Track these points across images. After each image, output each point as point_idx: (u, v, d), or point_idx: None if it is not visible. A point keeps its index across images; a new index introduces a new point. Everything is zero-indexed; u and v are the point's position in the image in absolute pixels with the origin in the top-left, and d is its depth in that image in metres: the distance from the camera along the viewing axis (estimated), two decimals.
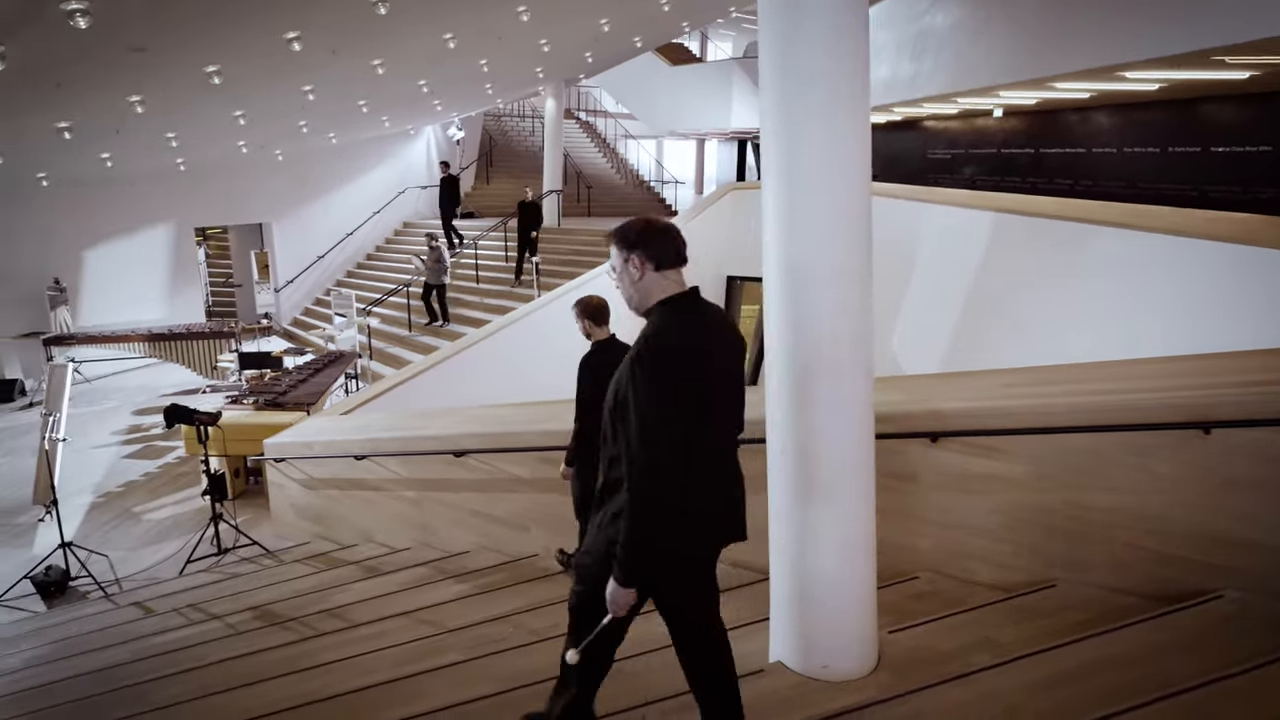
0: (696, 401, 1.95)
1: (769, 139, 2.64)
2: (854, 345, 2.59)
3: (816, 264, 2.60)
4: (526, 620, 3.65)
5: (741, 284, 13.38)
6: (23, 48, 5.10)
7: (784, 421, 2.66)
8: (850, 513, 2.64)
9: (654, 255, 2.06)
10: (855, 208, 2.59)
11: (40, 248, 10.71)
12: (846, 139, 2.56)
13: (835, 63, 2.51)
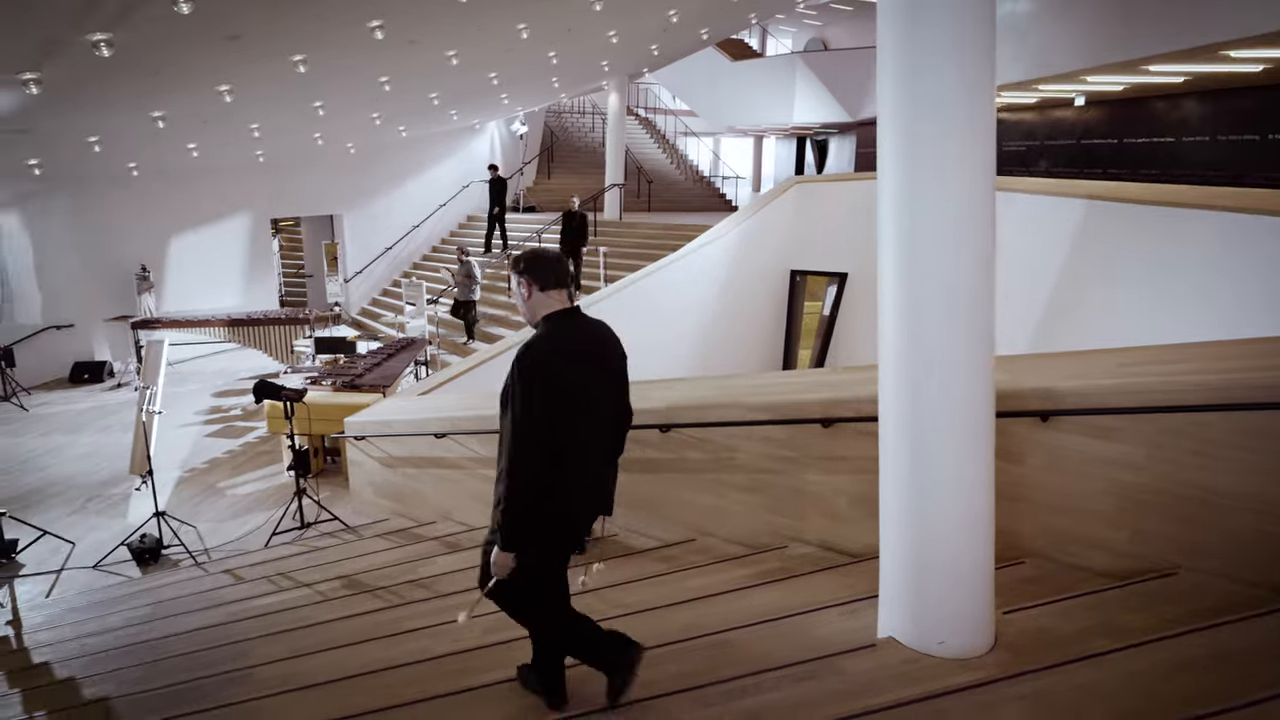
0: (565, 398, 2.30)
1: (888, 125, 2.58)
2: (973, 313, 2.50)
3: (936, 229, 2.51)
4: (613, 595, 3.63)
5: (804, 278, 13.23)
6: (130, 35, 5.28)
7: (900, 395, 2.59)
8: (970, 487, 2.54)
9: (539, 279, 2.45)
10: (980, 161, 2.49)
11: (129, 235, 11.15)
12: (973, 123, 2.47)
13: (960, 44, 2.42)
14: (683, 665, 2.66)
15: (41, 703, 3.07)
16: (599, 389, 2.46)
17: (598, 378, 2.46)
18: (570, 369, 2.36)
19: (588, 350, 2.47)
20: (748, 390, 4.41)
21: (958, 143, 2.46)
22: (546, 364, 2.31)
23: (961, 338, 2.51)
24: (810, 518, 4.01)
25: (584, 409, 2.37)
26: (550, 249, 2.69)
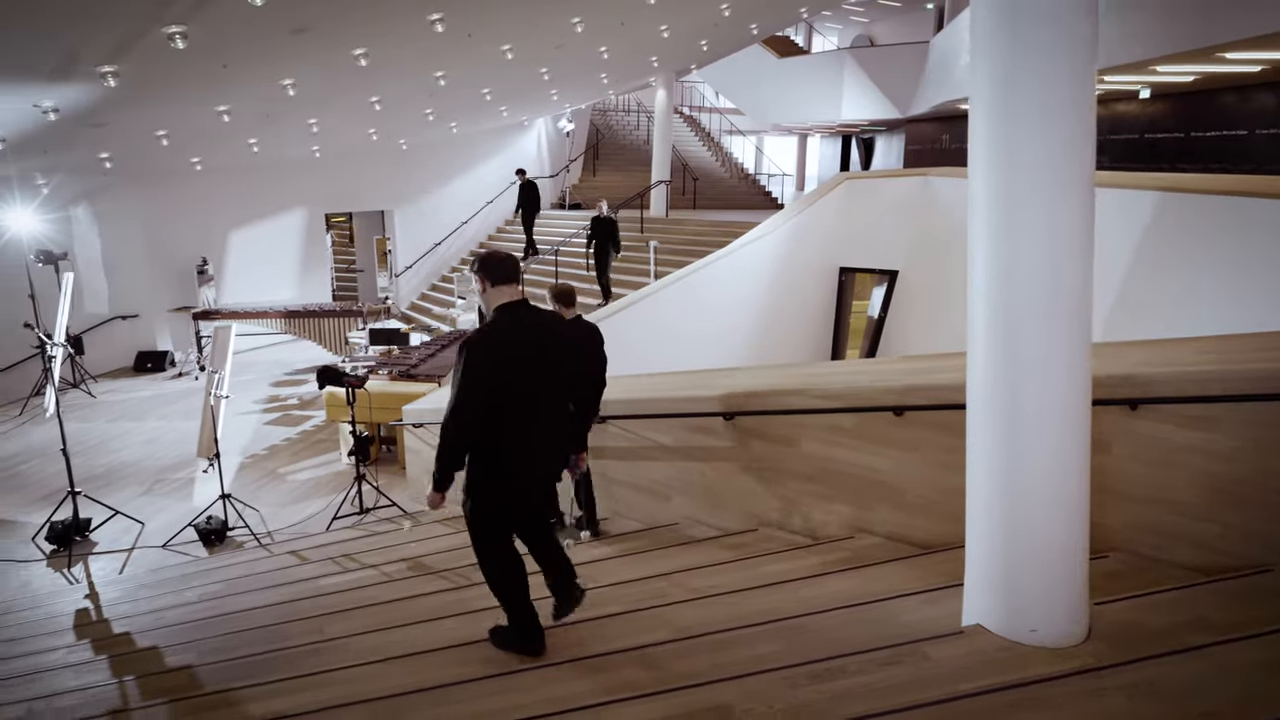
0: (504, 375, 2.75)
1: (983, 114, 2.52)
2: (1073, 303, 2.43)
3: (1035, 220, 2.44)
4: (685, 579, 3.61)
5: (853, 276, 13.06)
6: (203, 27, 5.41)
7: (993, 384, 2.53)
8: (1067, 476, 2.47)
9: (491, 277, 2.90)
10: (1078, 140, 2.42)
11: (191, 229, 11.46)
12: (1075, 107, 2.39)
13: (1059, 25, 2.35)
14: (762, 648, 2.63)
15: (128, 669, 3.15)
16: (536, 366, 2.86)
17: (535, 357, 2.87)
18: (510, 349, 2.80)
19: (527, 335, 2.86)
20: (815, 378, 4.35)
21: (1059, 130, 2.39)
22: (488, 345, 2.76)
23: (1060, 328, 2.44)
24: (878, 508, 3.94)
25: (521, 382, 2.81)
26: (501, 251, 3.07)
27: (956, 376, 3.68)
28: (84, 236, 10.58)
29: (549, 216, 16.63)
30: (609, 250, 11.34)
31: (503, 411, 2.76)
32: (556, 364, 2.95)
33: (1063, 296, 2.43)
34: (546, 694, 2.43)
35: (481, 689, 2.54)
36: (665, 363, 9.25)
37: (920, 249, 11.92)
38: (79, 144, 8.15)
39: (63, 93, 6.18)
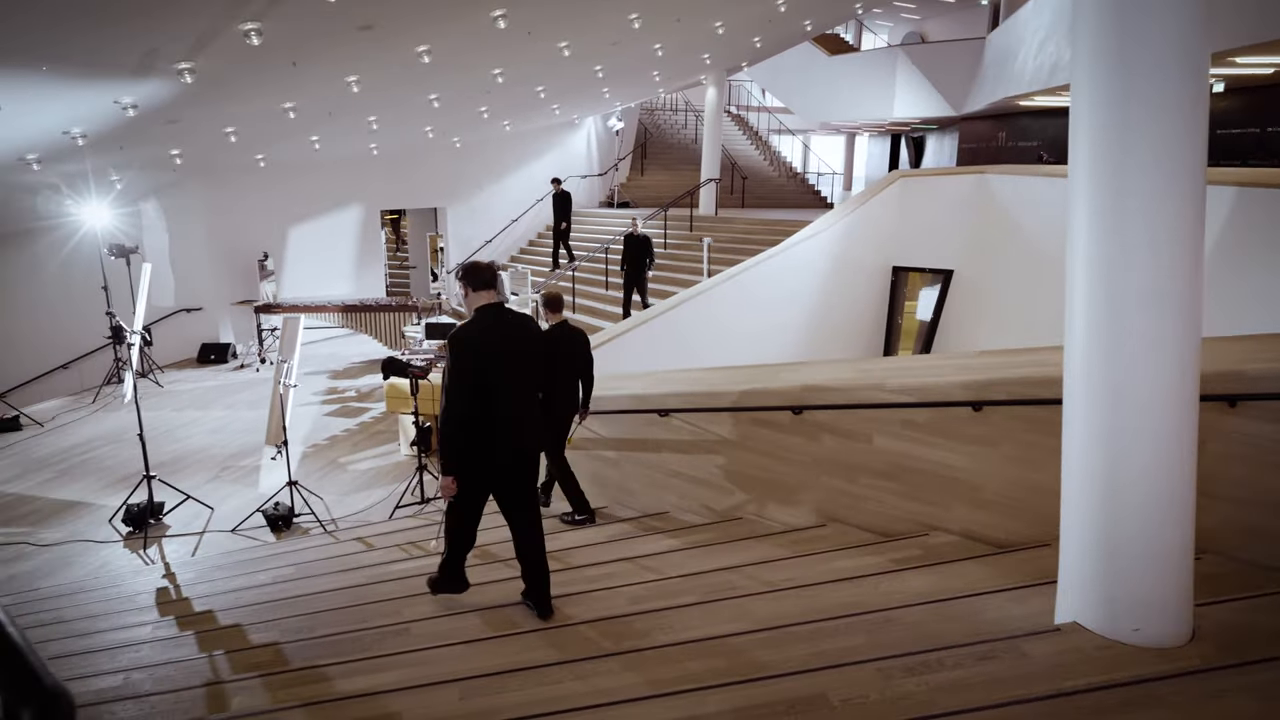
0: (483, 369, 3.17)
1: (1084, 101, 2.44)
2: (1183, 299, 2.35)
3: (1145, 214, 2.36)
4: (756, 572, 3.58)
5: (906, 275, 12.86)
6: (276, 24, 5.53)
7: (1094, 379, 2.46)
8: (1173, 474, 2.39)
9: (472, 283, 3.32)
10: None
11: (253, 224, 11.76)
12: (1186, 95, 2.31)
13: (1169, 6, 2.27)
14: (849, 640, 2.59)
15: (215, 645, 3.23)
16: (511, 360, 3.28)
17: (509, 353, 3.28)
18: (486, 346, 3.21)
19: (502, 334, 3.27)
20: (889, 373, 4.28)
21: (1172, 115, 2.30)
22: (471, 341, 3.20)
23: (1169, 320, 2.36)
24: (953, 505, 3.86)
25: (497, 374, 3.22)
26: (482, 261, 3.48)
27: (1039, 371, 3.61)
28: (152, 231, 10.92)
29: (598, 214, 16.69)
30: (644, 268, 10.96)
31: (481, 397, 3.19)
32: (528, 357, 3.38)
33: (1173, 287, 2.35)
34: (637, 678, 2.43)
35: (568, 671, 2.54)
36: (719, 358, 9.21)
37: (977, 248, 11.70)
38: (153, 140, 8.40)
39: (142, 89, 6.37)
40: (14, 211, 9.12)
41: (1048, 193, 10.22)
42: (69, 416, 8.85)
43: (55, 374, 10.10)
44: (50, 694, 0.77)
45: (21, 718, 0.73)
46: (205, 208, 11.38)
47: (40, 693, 0.76)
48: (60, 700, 0.77)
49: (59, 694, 0.79)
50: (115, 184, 9.41)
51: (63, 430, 8.37)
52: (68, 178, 8.62)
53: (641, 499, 5.31)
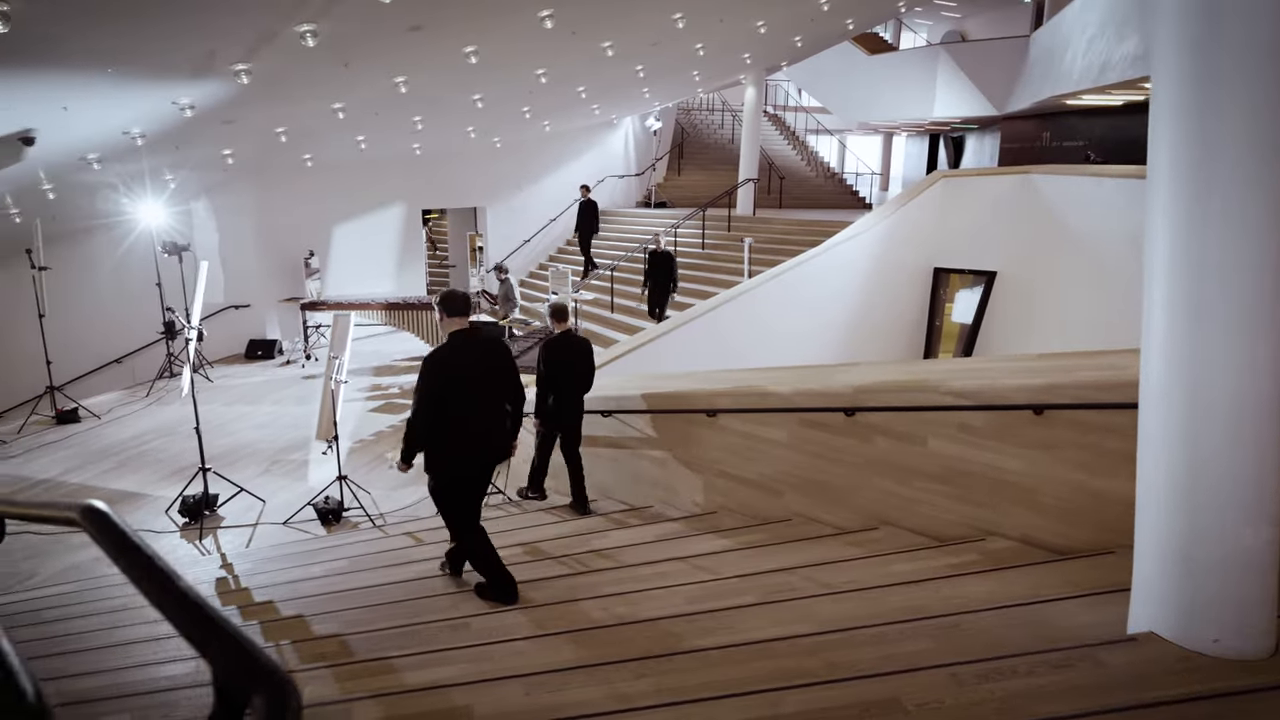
0: (449, 384, 3.68)
1: (1166, 92, 2.38)
2: (1266, 281, 2.28)
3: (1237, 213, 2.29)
4: (813, 574, 3.56)
5: (948, 276, 12.70)
6: (331, 25, 5.62)
7: (1174, 375, 2.40)
8: (1259, 475, 2.32)
9: (446, 310, 3.84)
10: None
11: (299, 223, 11.98)
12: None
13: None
14: (916, 644, 2.57)
15: (279, 634, 3.29)
16: (476, 379, 3.78)
17: (474, 373, 3.78)
18: (454, 367, 3.71)
19: (469, 357, 3.78)
20: (945, 375, 4.23)
21: (1266, 107, 2.23)
22: (438, 363, 3.71)
23: (1264, 319, 2.29)
24: (1011, 511, 3.80)
25: (464, 391, 3.72)
26: (457, 291, 3.97)
27: (1107, 375, 3.54)
28: (202, 229, 11.17)
29: (634, 214, 16.72)
30: (668, 288, 10.70)
31: (450, 409, 3.67)
32: (494, 373, 3.90)
33: (1264, 284, 2.28)
34: (705, 677, 2.43)
35: (631, 670, 2.55)
36: (759, 359, 9.17)
37: (1022, 249, 11.51)
38: (206, 141, 8.60)
39: (200, 90, 6.52)
40: (73, 210, 9.38)
41: (1096, 193, 10.02)
42: (124, 410, 9.10)
43: (109, 368, 10.38)
44: (281, 681, 0.74)
45: (250, 703, 0.72)
46: (253, 207, 11.62)
47: (271, 678, 0.75)
48: (289, 688, 0.74)
49: (288, 681, 0.74)
50: (169, 183, 9.64)
51: (119, 423, 8.60)
52: (124, 177, 8.84)
53: (687, 499, 5.31)
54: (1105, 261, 9.45)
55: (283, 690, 0.68)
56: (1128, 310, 8.90)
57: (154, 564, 0.88)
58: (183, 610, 0.80)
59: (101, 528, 1.00)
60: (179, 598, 0.81)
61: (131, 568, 0.90)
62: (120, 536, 0.94)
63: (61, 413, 8.68)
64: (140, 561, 0.88)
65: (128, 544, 0.93)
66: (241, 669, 0.71)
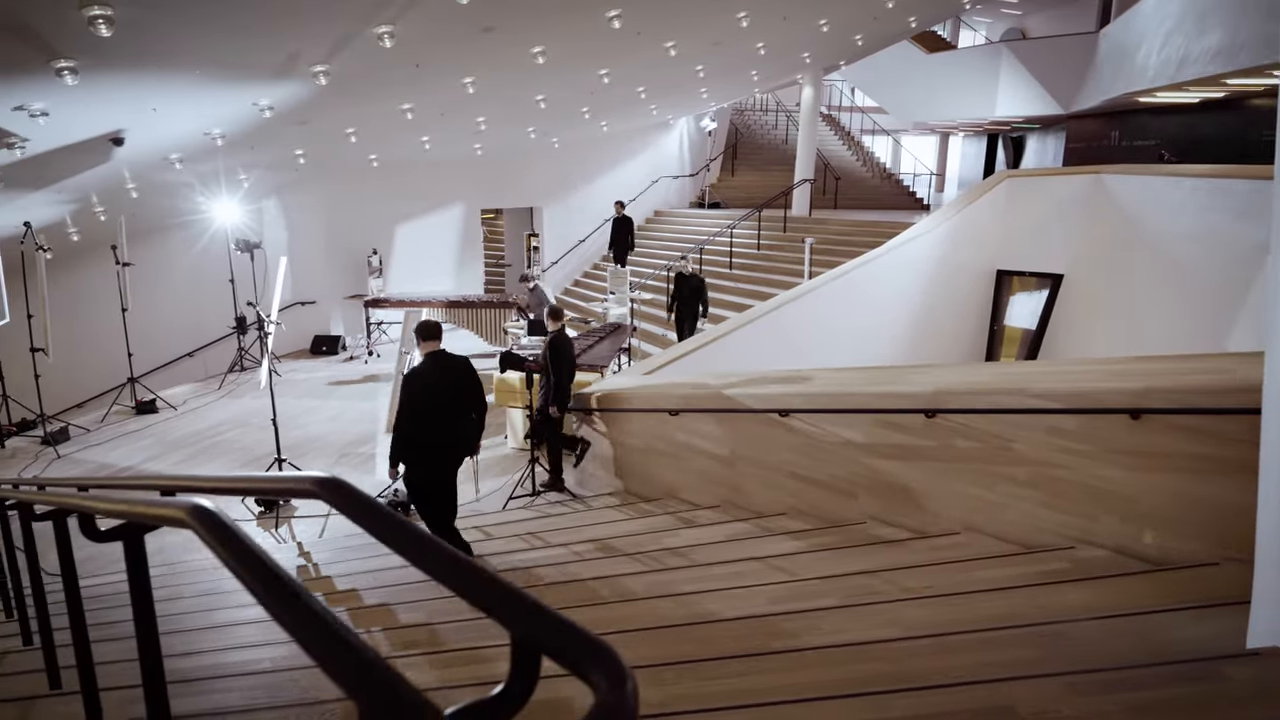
0: (421, 397, 4.50)
1: None
2: None
3: None
4: (894, 578, 3.49)
5: (1012, 279, 12.40)
6: (407, 27, 5.72)
7: None
8: None
9: (421, 335, 4.70)
10: None
11: (365, 222, 12.25)
12: None
13: None
14: (1021, 652, 2.50)
15: (368, 621, 3.36)
16: (442, 393, 4.59)
17: (441, 387, 4.60)
18: (426, 382, 4.56)
19: (438, 375, 4.60)
20: (1031, 376, 4.12)
21: None
22: (417, 378, 4.57)
23: None
24: (1104, 518, 3.68)
25: (432, 403, 4.54)
26: (430, 320, 5.05)
27: (1213, 379, 3.41)
28: (272, 228, 11.50)
29: (689, 215, 16.69)
30: (698, 313, 9.99)
31: (425, 415, 4.49)
32: (456, 390, 4.65)
33: None
34: (803, 677, 2.40)
35: (726, 667, 2.54)
36: (821, 360, 9.07)
37: (1090, 252, 11.19)
38: (281, 141, 8.83)
39: (279, 91, 6.70)
40: (152, 209, 9.74)
41: (1173, 194, 9.69)
42: (198, 401, 9.41)
43: (181, 361, 10.75)
44: (616, 657, 0.69)
45: (585, 676, 0.69)
46: (321, 206, 11.92)
47: (605, 653, 0.69)
48: (625, 667, 0.68)
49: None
50: (243, 183, 9.94)
51: (195, 414, 8.89)
52: (202, 177, 9.15)
53: (757, 499, 5.27)
54: (1181, 264, 9.13)
55: (621, 667, 0.67)
56: (1204, 314, 8.62)
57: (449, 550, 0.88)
58: (493, 586, 0.79)
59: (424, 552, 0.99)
60: (473, 570, 0.81)
61: (425, 555, 0.89)
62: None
63: (141, 403, 9.00)
64: (437, 551, 0.88)
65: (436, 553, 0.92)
66: (570, 643, 0.70)
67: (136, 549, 1.45)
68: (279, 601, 0.73)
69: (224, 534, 0.89)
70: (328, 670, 0.63)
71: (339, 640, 0.65)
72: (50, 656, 2.66)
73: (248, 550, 0.83)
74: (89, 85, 5.17)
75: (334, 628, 0.67)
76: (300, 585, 0.76)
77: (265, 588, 0.77)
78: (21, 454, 7.70)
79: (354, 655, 0.63)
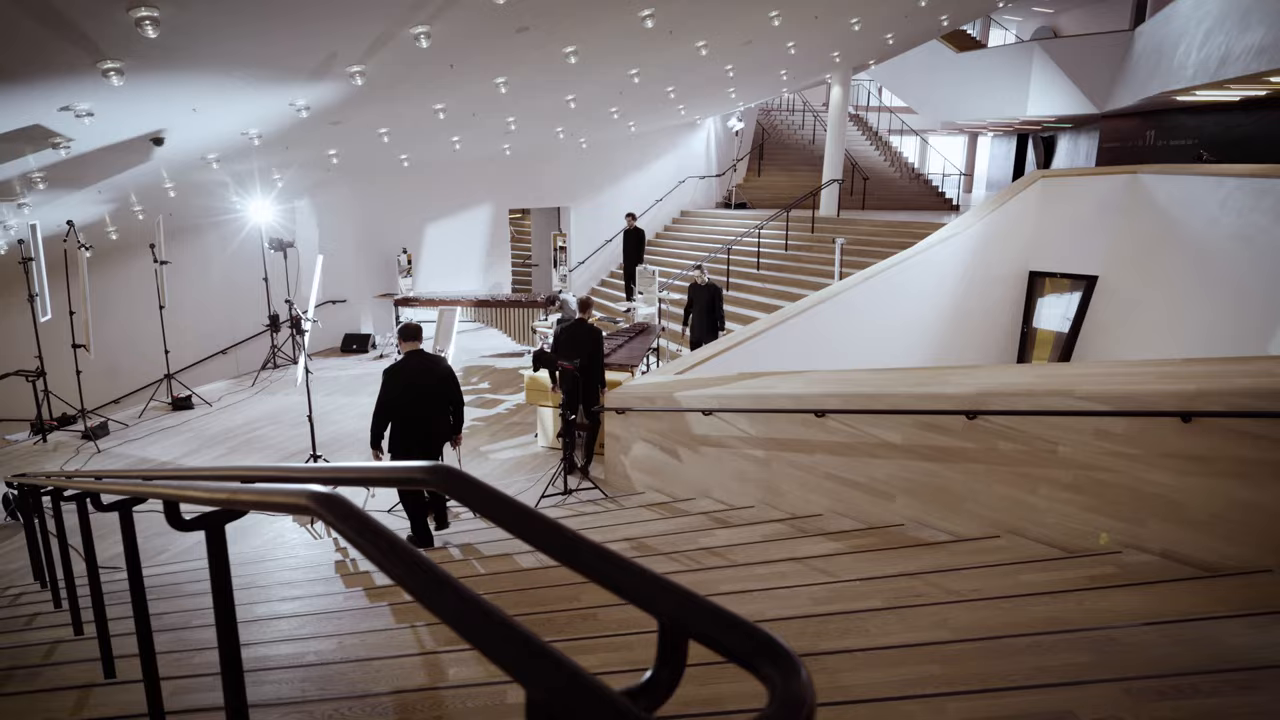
0: (399, 391, 5.21)
1: None
2: None
3: None
4: (938, 581, 3.45)
5: (1044, 280, 12.24)
6: (444, 26, 5.76)
7: None
8: None
9: (403, 336, 5.39)
10: None
11: (395, 221, 12.35)
12: None
13: None
14: (1073, 657, 2.46)
15: (413, 616, 3.38)
16: (420, 388, 5.27)
17: (418, 383, 5.26)
18: (404, 378, 5.23)
19: (415, 372, 5.26)
20: (1077, 378, 4.06)
21: None
22: (392, 375, 5.24)
23: None
24: (1151, 523, 3.62)
25: (409, 397, 5.24)
26: (411, 323, 5.54)
27: (1268, 382, 3.33)
28: (304, 227, 11.63)
29: (715, 215, 16.65)
30: (714, 327, 9.45)
31: (403, 408, 5.22)
32: (431, 387, 5.30)
33: None
34: (855, 679, 2.38)
35: None
36: (855, 360, 9.01)
37: (1126, 253, 11.02)
38: (315, 141, 8.93)
39: (316, 92, 6.77)
40: (189, 208, 9.89)
41: (1214, 194, 9.50)
42: (232, 398, 9.53)
43: (215, 358, 10.91)
44: (790, 653, 0.64)
45: (761, 673, 0.66)
46: (352, 205, 12.03)
47: (778, 649, 0.65)
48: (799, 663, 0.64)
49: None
50: (276, 182, 10.06)
51: (229, 410, 9.01)
52: (237, 176, 9.27)
53: (792, 500, 5.24)
54: (1222, 266, 8.95)
55: (795, 663, 0.65)
56: (1247, 316, 8.45)
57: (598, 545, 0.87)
58: (636, 574, 0.78)
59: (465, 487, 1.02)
60: (623, 562, 0.80)
61: (566, 546, 0.87)
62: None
63: (177, 399, 9.15)
64: (580, 543, 0.87)
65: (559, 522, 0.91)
66: (742, 637, 0.69)
67: (218, 538, 1.46)
68: (431, 589, 0.73)
69: (358, 521, 0.89)
70: (495, 655, 0.63)
71: (503, 626, 0.64)
72: (105, 646, 2.70)
73: (388, 537, 0.83)
74: (133, 86, 5.26)
75: (495, 613, 0.66)
76: (445, 571, 0.75)
77: (410, 574, 0.76)
78: (63, 448, 7.85)
79: (522, 640, 0.62)
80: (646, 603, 0.75)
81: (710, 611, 0.71)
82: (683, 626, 0.72)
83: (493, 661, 0.63)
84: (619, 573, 0.78)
